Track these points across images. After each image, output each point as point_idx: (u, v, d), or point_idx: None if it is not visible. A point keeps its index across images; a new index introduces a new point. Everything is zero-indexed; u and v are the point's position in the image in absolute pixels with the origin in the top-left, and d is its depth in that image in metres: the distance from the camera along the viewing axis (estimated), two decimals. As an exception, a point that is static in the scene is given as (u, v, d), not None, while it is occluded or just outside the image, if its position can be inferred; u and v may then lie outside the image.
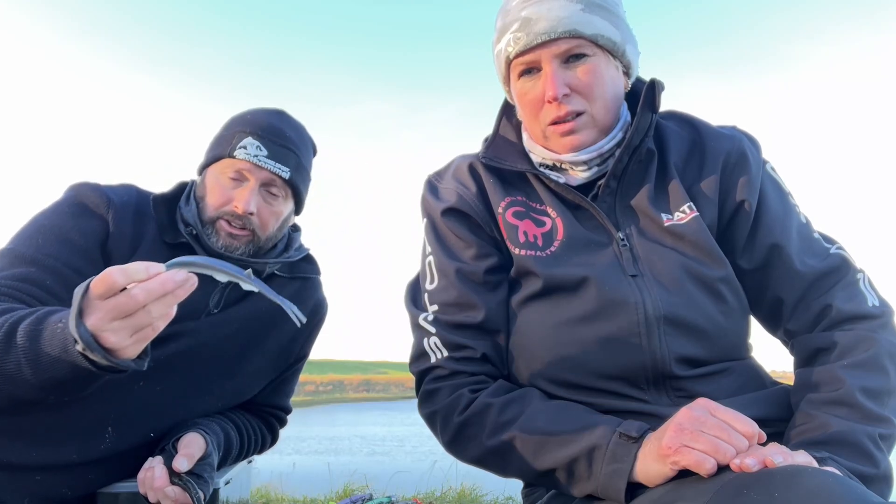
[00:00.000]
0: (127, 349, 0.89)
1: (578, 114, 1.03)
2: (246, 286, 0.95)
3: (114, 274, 0.85)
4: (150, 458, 1.15)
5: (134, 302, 0.85)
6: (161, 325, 0.91)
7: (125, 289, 0.86)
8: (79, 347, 0.87)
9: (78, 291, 0.88)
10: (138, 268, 0.86)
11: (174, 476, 1.11)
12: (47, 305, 1.08)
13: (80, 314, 0.87)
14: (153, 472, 1.10)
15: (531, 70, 1.04)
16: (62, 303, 1.11)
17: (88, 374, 0.91)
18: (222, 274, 0.94)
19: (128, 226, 1.26)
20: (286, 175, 1.33)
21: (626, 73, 1.08)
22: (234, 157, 1.30)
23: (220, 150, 1.33)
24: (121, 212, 1.26)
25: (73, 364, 0.90)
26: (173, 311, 0.91)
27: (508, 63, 1.06)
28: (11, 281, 1.11)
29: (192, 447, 1.16)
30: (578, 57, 1.01)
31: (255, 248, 1.33)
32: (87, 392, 1.00)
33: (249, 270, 0.96)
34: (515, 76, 1.07)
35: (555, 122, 1.03)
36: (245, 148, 1.30)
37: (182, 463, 1.12)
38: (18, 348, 0.93)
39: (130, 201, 1.30)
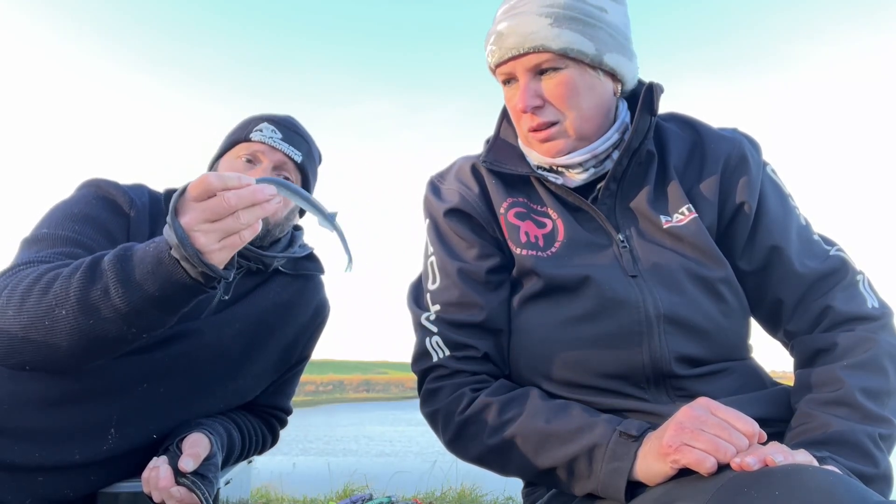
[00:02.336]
0: (214, 253, 0.93)
1: (552, 123, 1.04)
2: (324, 225, 1.02)
3: (210, 177, 0.90)
4: (155, 458, 1.15)
5: (226, 205, 0.90)
6: (247, 237, 0.95)
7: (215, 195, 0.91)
8: (174, 252, 0.92)
9: (175, 195, 0.93)
10: (232, 175, 0.92)
11: (179, 476, 1.11)
12: None
13: (176, 213, 0.91)
14: (158, 472, 1.10)
15: (510, 80, 1.06)
16: None
17: (180, 289, 0.95)
18: (306, 204, 1.00)
19: (144, 224, 1.27)
20: (298, 158, 1.37)
21: (615, 79, 1.07)
22: (249, 140, 1.34)
23: (236, 137, 1.37)
24: (141, 212, 1.28)
25: (167, 274, 0.93)
26: (259, 226, 0.96)
27: (492, 71, 1.09)
28: (54, 256, 1.11)
29: (197, 447, 1.17)
30: (550, 69, 1.02)
31: (263, 232, 1.34)
32: (170, 321, 1.02)
33: (336, 213, 1.02)
34: (501, 83, 1.09)
35: (532, 130, 1.05)
36: (261, 131, 1.35)
37: (188, 463, 1.12)
38: (107, 273, 0.96)
39: (145, 200, 1.31)
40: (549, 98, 1.03)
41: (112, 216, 1.24)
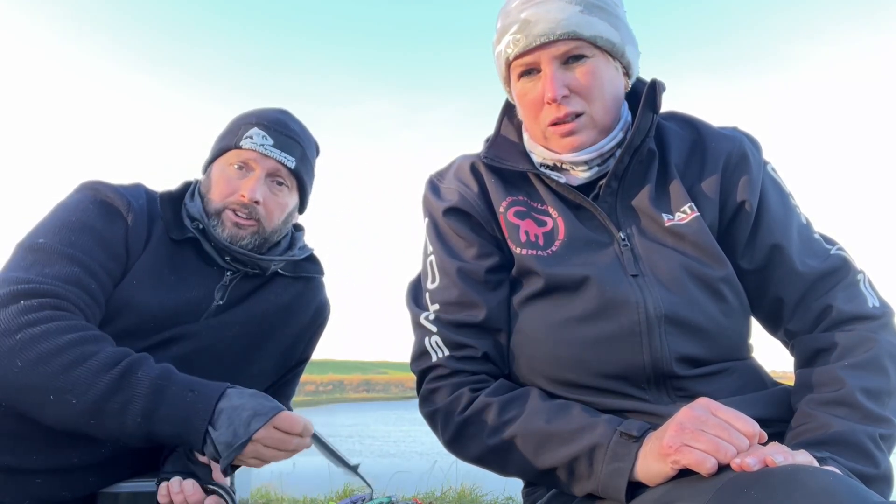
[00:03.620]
0: (237, 460, 1.03)
1: (578, 115, 1.03)
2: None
3: (299, 422, 1.04)
4: (171, 481, 1.12)
5: (288, 446, 1.04)
6: (258, 465, 1.07)
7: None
8: (213, 432, 1.00)
9: (268, 409, 1.04)
10: (305, 425, 1.06)
11: (205, 483, 1.11)
12: (91, 312, 1.13)
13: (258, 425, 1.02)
14: (183, 489, 1.09)
15: (531, 71, 1.05)
16: (98, 308, 1.15)
17: (184, 443, 1.04)
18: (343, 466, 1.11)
19: (143, 227, 1.27)
20: (291, 164, 1.34)
21: (626, 74, 1.09)
22: (240, 148, 1.31)
23: (226, 143, 1.34)
24: (138, 214, 1.27)
25: (186, 434, 1.02)
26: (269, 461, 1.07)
27: (508, 64, 1.07)
28: (61, 283, 1.11)
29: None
30: (577, 58, 1.01)
31: (260, 240, 1.33)
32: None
33: (359, 464, 1.15)
34: (515, 77, 1.07)
35: (554, 123, 1.04)
36: (251, 138, 1.32)
37: (217, 472, 1.14)
38: (135, 394, 1.01)
39: (143, 202, 1.30)
40: (575, 88, 1.02)
41: (109, 223, 1.23)
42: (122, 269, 1.22)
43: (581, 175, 1.08)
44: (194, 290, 1.29)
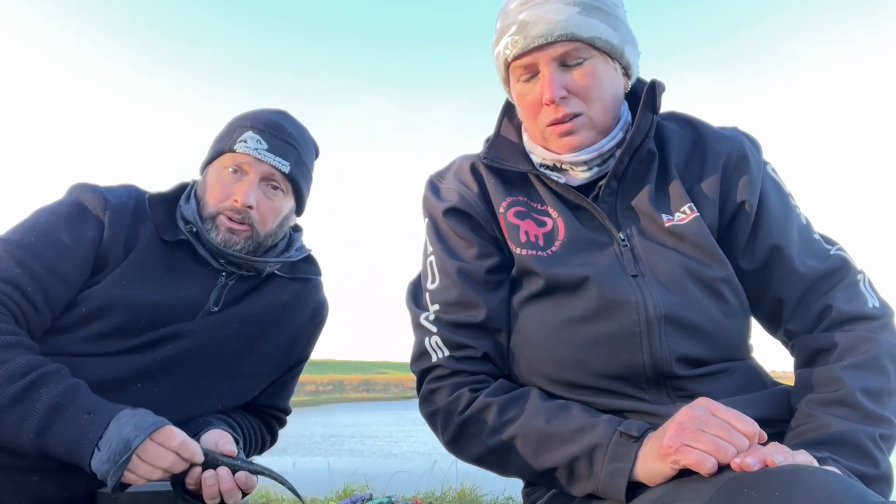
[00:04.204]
0: (126, 475, 1.04)
1: (576, 115, 1.03)
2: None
3: (176, 437, 1.06)
4: (204, 473, 1.12)
5: (163, 462, 1.04)
6: (141, 481, 1.07)
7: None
8: (99, 449, 1.03)
9: (152, 423, 1.06)
10: (192, 448, 1.07)
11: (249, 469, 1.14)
12: (25, 314, 1.15)
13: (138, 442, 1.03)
14: (218, 478, 1.10)
15: (529, 72, 1.05)
16: (37, 312, 1.17)
17: (73, 463, 1.05)
18: (261, 470, 1.15)
19: (124, 227, 1.26)
20: (286, 169, 1.32)
21: (626, 74, 1.08)
22: (234, 151, 1.30)
23: (221, 146, 1.33)
24: (118, 213, 1.26)
25: (74, 454, 1.04)
26: (160, 478, 1.08)
27: (507, 65, 1.07)
28: (6, 284, 1.14)
29: (229, 443, 1.17)
30: (576, 59, 1.01)
31: (254, 245, 1.32)
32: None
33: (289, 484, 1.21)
34: (514, 78, 1.07)
35: (553, 123, 1.04)
36: (245, 142, 1.30)
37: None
38: (34, 407, 1.04)
39: (129, 202, 1.29)
40: (574, 89, 1.02)
41: (77, 227, 1.23)
42: (89, 271, 1.23)
43: (581, 175, 1.08)
44: (189, 290, 1.29)
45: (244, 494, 1.13)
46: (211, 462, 1.09)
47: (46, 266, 1.18)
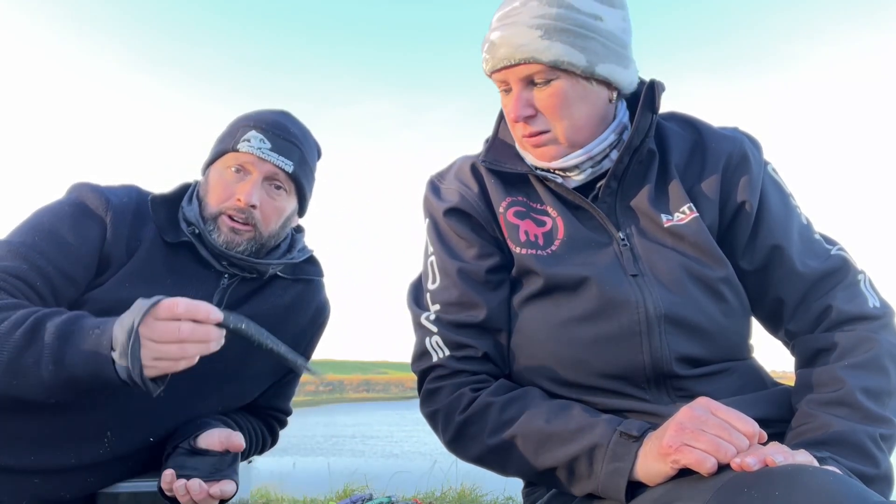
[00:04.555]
0: (147, 369, 0.98)
1: (545, 132, 1.04)
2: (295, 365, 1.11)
3: (180, 304, 0.97)
4: (176, 484, 1.10)
5: (177, 335, 0.97)
6: (182, 366, 1.01)
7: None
8: (114, 354, 0.97)
9: (145, 304, 0.98)
10: (202, 308, 0.99)
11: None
12: (32, 304, 1.12)
13: (139, 324, 0.96)
14: (189, 489, 1.08)
15: (504, 87, 1.06)
16: (47, 306, 1.14)
17: (104, 382, 0.99)
18: (276, 346, 1.09)
19: (125, 228, 1.25)
20: (289, 168, 1.31)
21: (609, 86, 1.06)
22: (237, 151, 1.29)
23: (224, 146, 1.32)
24: (119, 214, 1.26)
25: (98, 368, 0.98)
26: (195, 360, 1.01)
27: (489, 77, 1.09)
28: (3, 274, 1.12)
29: (234, 438, 1.17)
30: (542, 80, 1.01)
31: (257, 246, 1.31)
32: (82, 399, 1.06)
33: (304, 361, 1.12)
34: (498, 88, 1.09)
35: (526, 136, 1.06)
36: (249, 141, 1.29)
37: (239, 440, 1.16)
38: (44, 344, 0.99)
39: (130, 203, 1.29)
40: (540, 108, 1.03)
41: (81, 226, 1.22)
42: (93, 272, 1.22)
43: (576, 178, 1.08)
44: (191, 292, 1.29)
45: (223, 502, 1.12)
46: (227, 323, 1.02)
47: (53, 264, 1.17)
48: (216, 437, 1.17)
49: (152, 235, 1.28)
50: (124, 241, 1.25)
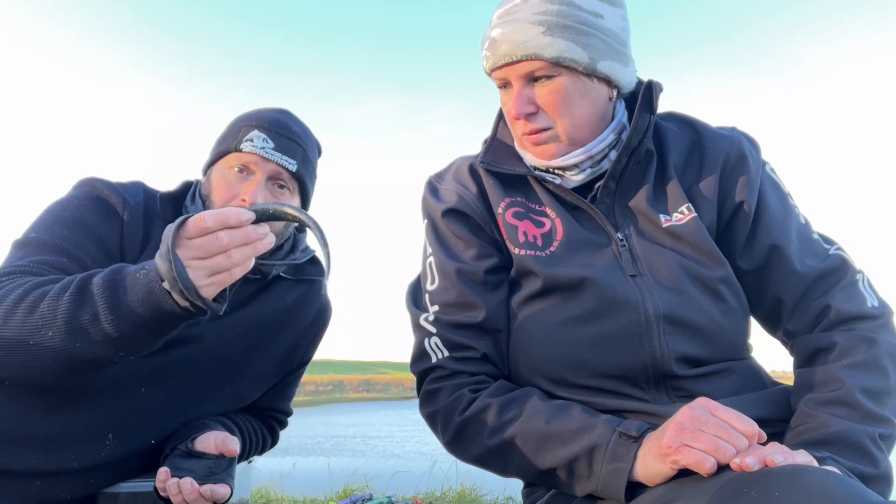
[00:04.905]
0: (203, 288, 0.95)
1: (546, 129, 1.04)
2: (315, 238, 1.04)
3: (206, 217, 0.93)
4: (168, 483, 1.10)
5: (218, 244, 0.93)
6: (238, 274, 0.97)
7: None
8: (165, 285, 0.93)
9: (171, 227, 0.94)
10: (230, 213, 0.94)
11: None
12: None
13: (173, 247, 0.92)
14: (181, 488, 1.07)
15: (505, 84, 1.06)
16: None
17: (169, 318, 0.97)
18: (304, 217, 1.02)
19: (139, 226, 1.25)
20: (293, 168, 1.31)
21: (609, 84, 1.06)
22: (240, 151, 1.28)
23: (226, 146, 1.31)
24: (134, 212, 1.26)
25: (157, 303, 0.95)
26: (251, 263, 0.98)
27: (489, 75, 1.08)
28: (47, 267, 1.11)
29: (230, 443, 1.17)
30: (543, 77, 1.02)
31: None
32: (157, 345, 1.04)
33: (322, 225, 1.03)
34: (497, 86, 1.09)
35: (526, 134, 1.05)
36: (251, 141, 1.29)
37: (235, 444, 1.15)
38: (96, 298, 0.97)
39: (140, 201, 1.28)
40: (541, 105, 1.03)
41: (104, 220, 1.22)
42: (114, 260, 1.20)
43: (575, 178, 1.08)
44: None
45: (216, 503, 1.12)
46: (262, 215, 0.99)
47: (91, 256, 1.16)
48: (212, 441, 1.17)
49: (160, 234, 1.28)
50: (139, 239, 1.24)
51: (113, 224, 1.23)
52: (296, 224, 1.45)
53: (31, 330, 0.98)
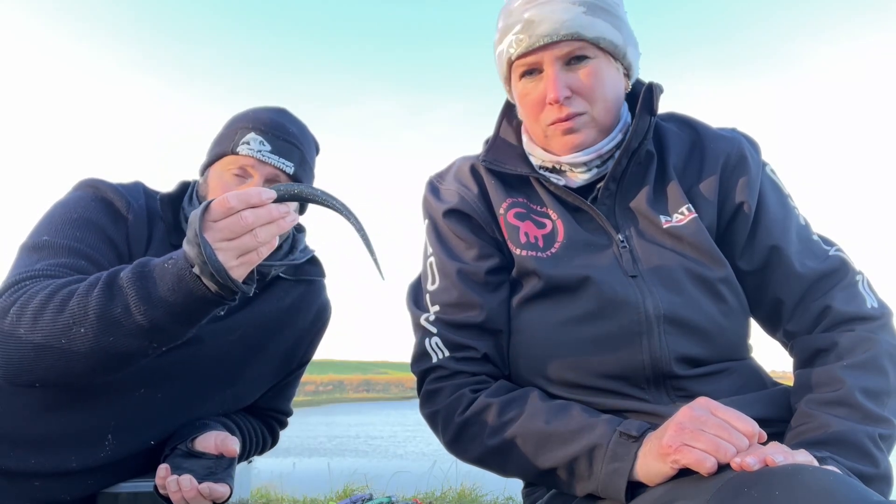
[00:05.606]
0: (233, 269, 0.96)
1: (579, 114, 1.03)
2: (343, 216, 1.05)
3: (230, 198, 0.94)
4: (168, 480, 1.10)
5: (243, 224, 0.94)
6: (265, 253, 0.98)
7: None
8: (196, 270, 0.94)
9: (197, 211, 0.95)
10: (252, 192, 0.95)
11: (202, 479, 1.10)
12: None
13: (200, 231, 0.93)
14: (180, 485, 1.07)
15: (533, 71, 1.05)
16: None
17: (201, 303, 0.97)
18: (332, 202, 1.04)
19: (143, 227, 1.25)
20: (290, 170, 1.31)
21: (627, 75, 1.09)
22: (237, 154, 1.28)
23: (223, 148, 1.31)
24: (138, 213, 1.26)
25: (188, 290, 0.96)
26: (276, 241, 0.99)
27: (510, 64, 1.07)
28: (58, 268, 1.11)
29: (230, 443, 1.17)
30: (580, 59, 1.02)
31: None
32: (188, 334, 1.04)
33: (351, 209, 1.05)
34: (517, 77, 1.07)
35: (556, 122, 1.04)
36: (248, 144, 1.28)
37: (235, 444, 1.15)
38: (126, 290, 0.98)
39: (143, 202, 1.28)
40: (578, 88, 1.02)
41: (112, 221, 1.22)
42: (124, 261, 1.20)
43: (580, 177, 1.08)
44: None
45: (215, 503, 1.12)
46: (284, 195, 1.00)
47: (106, 257, 1.17)
48: (212, 441, 1.17)
49: (161, 235, 1.28)
50: (143, 240, 1.25)
51: (119, 225, 1.23)
52: (294, 227, 1.44)
53: (62, 329, 0.98)
